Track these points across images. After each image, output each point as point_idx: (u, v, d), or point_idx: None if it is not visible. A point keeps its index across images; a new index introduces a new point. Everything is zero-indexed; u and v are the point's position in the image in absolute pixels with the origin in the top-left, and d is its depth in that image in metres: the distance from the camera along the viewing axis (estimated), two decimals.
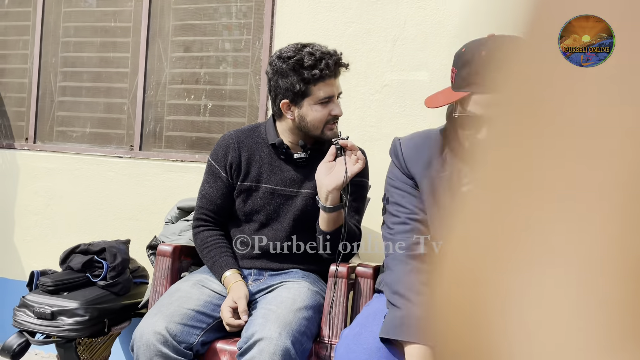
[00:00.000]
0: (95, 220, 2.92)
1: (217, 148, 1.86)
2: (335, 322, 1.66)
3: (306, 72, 1.67)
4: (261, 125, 1.90)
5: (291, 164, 1.82)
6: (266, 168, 1.82)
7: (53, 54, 3.15)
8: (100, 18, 3.06)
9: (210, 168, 1.85)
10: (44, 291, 2.23)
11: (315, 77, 1.67)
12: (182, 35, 2.90)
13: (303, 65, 1.67)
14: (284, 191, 1.81)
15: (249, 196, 1.82)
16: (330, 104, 1.73)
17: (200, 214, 1.85)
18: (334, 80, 1.73)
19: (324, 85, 1.70)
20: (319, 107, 1.72)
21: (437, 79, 2.36)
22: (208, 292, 1.70)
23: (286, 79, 1.71)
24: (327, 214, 1.65)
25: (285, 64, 1.70)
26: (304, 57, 1.68)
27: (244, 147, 1.83)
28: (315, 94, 1.70)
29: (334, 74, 1.72)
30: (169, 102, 2.92)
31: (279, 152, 1.82)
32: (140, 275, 2.49)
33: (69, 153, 3.02)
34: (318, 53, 1.69)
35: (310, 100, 1.71)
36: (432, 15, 2.38)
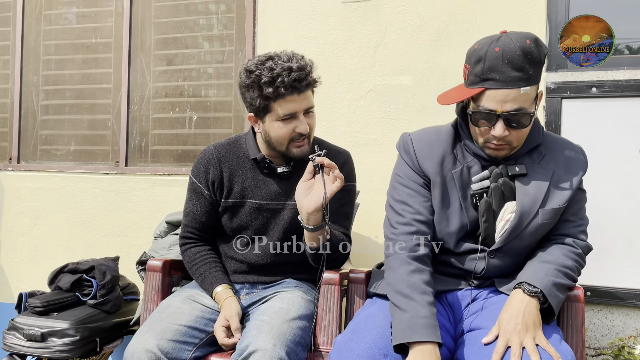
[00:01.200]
0: (83, 239, 2.89)
1: (198, 165, 1.80)
2: (329, 330, 1.65)
3: (265, 88, 1.59)
4: (241, 138, 1.84)
5: (275, 177, 1.77)
6: (250, 183, 1.77)
7: (34, 73, 3.12)
8: (80, 35, 3.05)
9: (193, 185, 1.80)
10: (33, 312, 2.20)
11: (274, 94, 1.59)
12: (164, 49, 2.90)
13: (260, 81, 1.59)
14: (270, 205, 1.77)
15: (235, 213, 1.78)
16: (294, 121, 1.64)
17: (186, 232, 1.82)
18: (297, 97, 1.61)
19: (284, 102, 1.61)
20: (281, 123, 1.64)
21: (420, 82, 2.37)
22: (199, 307, 1.68)
23: (249, 93, 1.65)
24: (310, 233, 1.61)
25: (248, 77, 1.63)
26: (262, 73, 1.59)
27: (225, 163, 1.78)
28: (275, 110, 1.62)
29: (294, 90, 1.60)
30: (154, 116, 2.91)
31: (261, 166, 1.77)
32: (130, 292, 2.47)
33: (54, 172, 2.99)
34: (278, 69, 1.58)
35: (272, 117, 1.64)
36: (413, 20, 2.40)
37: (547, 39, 2.20)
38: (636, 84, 2.09)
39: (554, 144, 1.54)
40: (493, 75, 1.36)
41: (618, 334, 2.12)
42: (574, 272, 1.45)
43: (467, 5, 2.32)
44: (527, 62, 1.35)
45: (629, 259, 2.11)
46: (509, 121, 1.38)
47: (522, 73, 1.35)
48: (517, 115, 1.38)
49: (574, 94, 2.16)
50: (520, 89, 1.35)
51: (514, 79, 1.35)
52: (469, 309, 1.48)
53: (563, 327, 1.48)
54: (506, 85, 1.35)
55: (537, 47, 1.38)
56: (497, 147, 1.43)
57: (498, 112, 1.37)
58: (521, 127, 1.40)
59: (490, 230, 1.47)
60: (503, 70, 1.35)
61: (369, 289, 1.62)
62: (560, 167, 1.49)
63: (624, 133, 2.11)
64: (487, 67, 1.36)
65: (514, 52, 1.35)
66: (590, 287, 2.12)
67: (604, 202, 2.12)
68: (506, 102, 1.36)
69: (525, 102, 1.37)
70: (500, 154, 1.46)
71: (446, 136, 1.54)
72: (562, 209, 1.48)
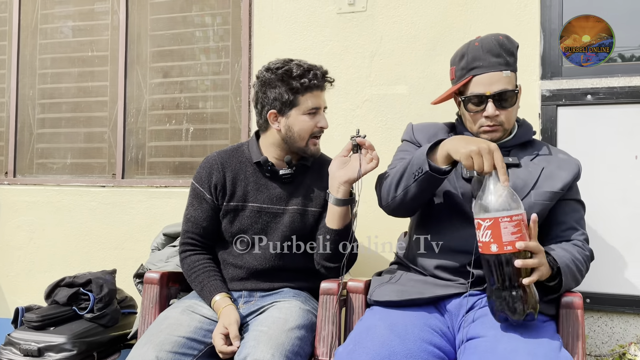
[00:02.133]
0: (79, 252, 2.88)
1: (201, 170, 1.85)
2: (328, 340, 1.63)
3: (294, 81, 1.70)
4: (243, 145, 1.90)
5: (277, 181, 1.82)
6: (252, 187, 1.81)
7: (30, 86, 3.13)
8: (76, 48, 3.06)
9: (195, 191, 1.84)
10: (30, 327, 2.18)
11: (303, 86, 1.71)
12: (161, 61, 2.90)
13: (291, 75, 1.71)
14: (271, 209, 1.80)
15: (235, 216, 1.81)
16: (317, 116, 1.76)
17: (186, 238, 1.83)
18: (321, 93, 1.77)
19: (312, 96, 1.74)
20: (307, 117, 1.74)
21: (416, 91, 2.38)
22: (198, 318, 1.67)
23: (274, 89, 1.73)
24: (336, 208, 1.64)
25: (273, 74, 1.73)
26: (292, 68, 1.72)
27: (228, 168, 1.83)
28: (303, 104, 1.73)
29: (321, 86, 1.75)
30: (150, 128, 2.91)
31: (263, 170, 1.82)
32: (128, 305, 2.45)
33: (50, 185, 2.98)
34: (306, 65, 1.74)
35: (298, 110, 1.74)
36: (408, 29, 2.41)
37: (541, 47, 2.21)
38: (631, 90, 2.10)
39: (551, 149, 1.66)
40: (477, 64, 1.56)
41: (618, 341, 2.12)
42: (582, 268, 1.51)
43: (461, 15, 2.34)
44: (503, 51, 1.56)
45: (628, 265, 2.10)
46: (497, 101, 1.55)
47: (501, 59, 1.55)
48: (504, 95, 1.55)
49: (569, 102, 2.17)
50: (502, 72, 1.55)
51: (496, 63, 1.55)
52: (469, 316, 1.48)
53: (563, 334, 1.48)
54: (490, 69, 1.55)
55: (508, 41, 1.60)
56: (491, 128, 1.58)
57: (487, 94, 1.55)
58: (509, 106, 1.57)
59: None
60: (485, 58, 1.55)
61: (369, 297, 1.61)
62: (552, 165, 1.60)
63: (619, 140, 2.12)
64: (471, 58, 1.57)
65: (491, 42, 1.57)
66: (589, 293, 2.11)
67: (602, 208, 2.12)
68: (492, 84, 1.54)
69: (508, 84, 1.56)
70: (495, 136, 1.59)
71: (443, 125, 1.75)
72: (557, 194, 1.55)
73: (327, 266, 1.73)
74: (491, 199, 1.28)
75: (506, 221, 1.26)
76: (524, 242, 1.26)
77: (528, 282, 1.28)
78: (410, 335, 1.37)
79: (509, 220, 1.26)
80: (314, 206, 1.82)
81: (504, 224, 1.26)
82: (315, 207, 1.82)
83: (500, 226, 1.26)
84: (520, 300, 1.29)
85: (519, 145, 1.64)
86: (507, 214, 1.26)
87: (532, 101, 2.22)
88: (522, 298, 1.29)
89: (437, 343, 1.40)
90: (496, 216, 1.26)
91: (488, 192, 1.29)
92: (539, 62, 2.22)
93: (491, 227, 1.27)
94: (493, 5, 2.30)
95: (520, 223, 1.27)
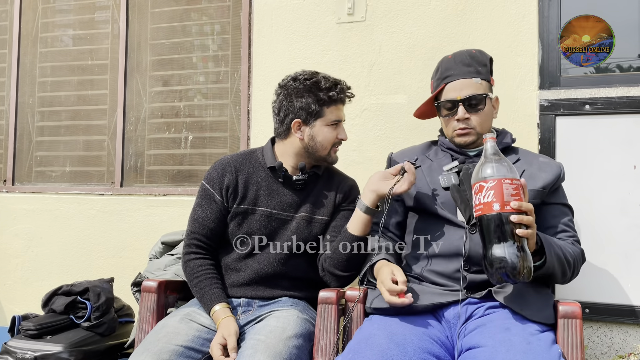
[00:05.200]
0: (77, 260, 2.87)
1: (213, 171, 1.86)
2: (327, 350, 1.63)
3: (322, 93, 1.77)
4: (257, 150, 1.92)
5: (289, 187, 1.84)
6: (264, 191, 1.83)
7: (30, 95, 3.13)
8: (76, 57, 3.07)
9: (205, 191, 1.84)
10: (27, 336, 2.16)
11: (331, 99, 1.78)
12: (160, 70, 2.91)
13: (320, 87, 1.78)
14: (280, 215, 1.81)
15: (244, 219, 1.81)
16: (338, 128, 1.83)
17: (191, 239, 1.82)
18: (342, 106, 1.85)
19: (336, 109, 1.81)
20: (330, 128, 1.81)
21: (414, 101, 2.39)
22: (197, 327, 1.66)
23: (302, 99, 1.78)
24: (360, 214, 1.69)
25: (302, 84, 1.79)
26: (320, 80, 1.79)
27: (241, 170, 1.84)
28: (328, 115, 1.80)
29: (344, 100, 1.84)
30: (149, 137, 2.91)
31: (277, 175, 1.83)
32: (125, 314, 2.44)
33: (49, 193, 2.98)
34: (332, 79, 1.82)
35: (323, 122, 1.80)
36: (406, 39, 2.43)
37: (539, 57, 2.23)
38: (629, 101, 2.11)
39: (531, 155, 1.72)
40: (449, 73, 1.70)
41: (618, 352, 2.11)
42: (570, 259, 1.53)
43: (459, 25, 2.36)
44: (474, 62, 1.70)
45: (627, 276, 2.10)
46: (467, 105, 1.66)
47: (471, 68, 1.69)
48: (473, 99, 1.66)
49: (568, 112, 2.18)
50: (472, 78, 1.67)
51: (466, 71, 1.68)
52: (467, 326, 1.47)
53: (562, 344, 1.47)
54: (460, 77, 1.68)
55: (481, 54, 1.73)
56: (463, 131, 1.67)
57: (458, 99, 1.66)
58: (478, 110, 1.67)
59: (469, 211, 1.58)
60: (456, 67, 1.69)
61: (367, 305, 1.61)
62: (533, 167, 1.66)
63: (618, 150, 2.13)
64: (444, 69, 1.71)
65: (463, 55, 1.72)
66: (588, 304, 2.11)
67: (600, 218, 2.13)
68: (462, 89, 1.66)
69: (478, 89, 1.67)
70: (468, 139, 1.68)
71: (421, 146, 1.86)
72: (538, 192, 1.60)
73: (336, 274, 1.73)
74: (493, 164, 1.39)
75: (507, 183, 1.36)
76: (519, 202, 1.35)
77: (522, 234, 1.33)
78: (409, 345, 1.37)
79: (510, 183, 1.36)
80: (321, 214, 1.83)
81: (506, 185, 1.36)
82: (323, 216, 1.83)
83: (503, 187, 1.36)
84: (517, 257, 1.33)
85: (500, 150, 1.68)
86: (509, 176, 1.37)
87: (531, 111, 2.23)
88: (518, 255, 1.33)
89: (436, 353, 1.40)
90: (499, 177, 1.37)
91: (487, 159, 1.41)
92: (537, 73, 2.23)
93: (494, 187, 1.36)
94: (491, 16, 2.31)
95: (518, 187, 1.38)
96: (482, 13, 2.33)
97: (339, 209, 1.86)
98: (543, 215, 1.61)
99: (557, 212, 1.63)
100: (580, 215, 2.08)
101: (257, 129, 2.64)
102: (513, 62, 2.26)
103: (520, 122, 2.24)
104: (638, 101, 2.10)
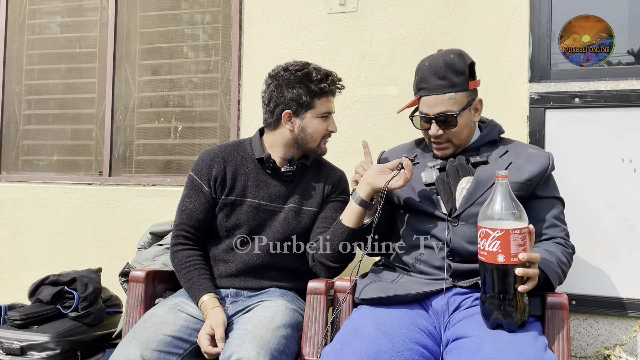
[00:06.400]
0: (64, 250, 2.85)
1: (200, 162, 1.84)
2: (315, 340, 1.63)
3: (313, 85, 1.76)
4: (245, 141, 1.91)
5: (277, 178, 1.83)
6: (252, 182, 1.82)
7: (17, 82, 3.09)
8: (64, 44, 3.03)
9: (193, 182, 1.83)
10: (13, 326, 2.15)
11: (322, 91, 1.77)
12: (149, 59, 2.88)
13: (311, 79, 1.76)
14: (269, 206, 1.81)
15: (232, 210, 1.80)
16: (328, 120, 1.82)
17: (179, 230, 1.81)
18: (332, 98, 1.83)
19: (326, 101, 1.80)
20: (320, 120, 1.80)
21: (405, 92, 2.39)
22: (184, 317, 1.65)
23: (293, 90, 1.77)
24: (354, 206, 1.67)
25: (293, 75, 1.77)
26: (312, 72, 1.78)
27: (230, 162, 1.83)
28: (318, 107, 1.79)
29: (334, 92, 1.83)
30: (138, 126, 2.89)
31: (265, 166, 1.83)
32: (113, 304, 2.42)
33: (36, 182, 2.95)
34: (323, 70, 1.80)
35: (313, 113, 1.79)
36: (398, 31, 2.42)
37: (530, 49, 2.23)
38: (618, 94, 2.12)
39: (520, 146, 1.71)
40: (423, 85, 1.65)
41: (604, 343, 2.13)
42: (566, 269, 1.54)
43: (451, 17, 2.35)
44: (449, 72, 1.62)
45: (613, 268, 2.12)
46: (440, 122, 1.63)
47: (445, 81, 1.62)
48: (444, 117, 1.62)
49: (557, 105, 2.19)
50: (445, 94, 1.62)
51: (439, 86, 1.62)
52: (455, 316, 1.48)
53: (548, 335, 1.48)
54: (432, 92, 1.63)
55: (460, 59, 1.64)
56: (438, 145, 1.68)
57: (430, 115, 1.64)
58: (450, 127, 1.63)
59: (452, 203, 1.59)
60: (430, 80, 1.63)
61: (356, 296, 1.61)
62: (521, 159, 1.65)
63: (607, 143, 2.14)
64: (419, 79, 1.67)
65: (438, 64, 1.63)
66: (575, 295, 2.13)
67: (588, 211, 2.14)
68: (435, 105, 1.63)
69: (452, 105, 1.62)
70: (446, 153, 1.69)
71: (409, 144, 1.85)
72: (524, 184, 1.59)
73: (328, 265, 1.72)
74: (502, 210, 1.30)
75: (516, 233, 1.28)
76: (527, 254, 1.29)
77: (523, 290, 1.31)
78: (397, 335, 1.37)
79: (518, 233, 1.28)
80: (309, 205, 1.83)
81: (514, 236, 1.28)
82: (311, 207, 1.83)
83: (510, 238, 1.28)
84: (515, 307, 1.32)
85: (488, 143, 1.71)
86: (517, 226, 1.29)
87: (521, 104, 2.23)
88: (516, 305, 1.32)
89: (424, 343, 1.40)
90: (507, 228, 1.28)
91: (496, 202, 1.31)
92: (527, 65, 2.23)
93: (501, 237, 1.28)
94: (483, 8, 2.31)
95: (526, 236, 1.30)
96: (474, 5, 2.32)
97: (328, 200, 1.86)
98: (533, 209, 1.60)
99: (547, 206, 1.62)
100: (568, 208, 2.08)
101: (248, 119, 2.62)
102: (504, 55, 2.26)
103: (510, 114, 2.24)
104: (627, 95, 2.11)
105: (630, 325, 2.10)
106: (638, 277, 2.10)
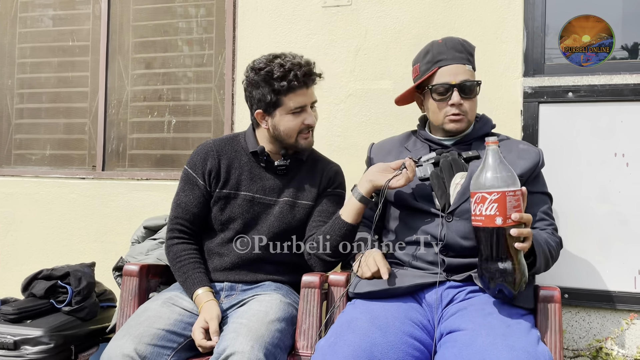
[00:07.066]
0: (58, 245, 2.84)
1: (195, 156, 1.84)
2: (309, 333, 1.63)
3: (276, 83, 1.69)
4: (240, 135, 1.91)
5: (271, 172, 1.83)
6: (246, 176, 1.82)
7: (9, 76, 3.07)
8: (57, 38, 3.00)
9: (187, 176, 1.83)
10: (6, 320, 2.14)
11: (284, 88, 1.70)
12: (143, 52, 2.87)
13: (273, 77, 1.69)
14: (263, 199, 1.81)
15: (226, 204, 1.80)
16: (302, 114, 1.76)
17: (174, 224, 1.81)
18: (306, 90, 1.74)
19: (295, 96, 1.73)
20: (291, 117, 1.75)
21: (400, 86, 2.38)
22: (178, 311, 1.65)
23: (258, 90, 1.73)
24: (354, 202, 1.67)
25: (257, 75, 1.73)
26: (273, 69, 1.70)
27: (224, 155, 1.83)
28: (286, 104, 1.73)
29: (304, 85, 1.73)
30: (132, 120, 2.87)
31: (259, 159, 1.82)
32: (107, 298, 2.42)
33: (29, 177, 2.93)
34: (288, 64, 1.70)
35: (282, 111, 1.74)
36: (392, 24, 2.41)
37: (524, 43, 2.23)
38: (611, 89, 2.13)
39: (511, 142, 1.73)
40: (442, 57, 1.67)
41: (596, 336, 2.15)
42: (554, 252, 1.56)
43: (445, 11, 2.35)
44: (464, 49, 1.69)
45: (606, 262, 2.14)
46: (462, 90, 1.65)
47: (463, 54, 1.68)
48: (468, 84, 1.66)
49: (551, 99, 2.19)
50: (465, 65, 1.67)
51: (460, 57, 1.67)
52: (448, 309, 1.49)
53: (541, 328, 1.49)
54: (455, 61, 1.67)
55: (467, 43, 1.73)
56: (456, 117, 1.67)
57: (452, 83, 1.65)
58: (472, 96, 1.68)
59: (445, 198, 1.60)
60: (449, 52, 1.67)
61: (350, 290, 1.61)
62: (512, 154, 1.65)
63: (599, 137, 2.15)
64: (436, 52, 1.68)
65: (454, 40, 1.70)
66: (567, 289, 2.14)
67: (581, 205, 2.15)
68: (457, 74, 1.66)
69: (471, 76, 1.68)
70: (461, 126, 1.69)
71: (400, 137, 1.86)
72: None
73: (324, 259, 1.72)
74: (497, 174, 1.33)
75: (511, 195, 1.31)
76: (520, 214, 1.31)
77: (521, 247, 1.32)
78: (391, 328, 1.38)
79: (512, 195, 1.31)
80: (305, 199, 1.83)
81: (509, 198, 1.31)
82: (307, 200, 1.83)
83: (507, 199, 1.30)
84: (514, 270, 1.33)
85: (480, 138, 1.72)
86: (512, 188, 1.32)
87: (515, 98, 2.24)
88: (514, 268, 1.34)
89: (418, 336, 1.41)
90: (504, 190, 1.31)
91: (490, 167, 1.34)
92: (521, 60, 2.24)
93: (498, 200, 1.31)
94: (477, 2, 2.31)
95: (520, 198, 1.33)
96: None
97: (324, 194, 1.86)
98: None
99: (536, 201, 1.64)
100: (561, 202, 2.10)
101: (241, 113, 2.62)
102: (498, 49, 2.26)
103: (503, 108, 2.24)
104: (620, 89, 2.12)
105: (622, 318, 2.12)
106: (630, 271, 2.11)
